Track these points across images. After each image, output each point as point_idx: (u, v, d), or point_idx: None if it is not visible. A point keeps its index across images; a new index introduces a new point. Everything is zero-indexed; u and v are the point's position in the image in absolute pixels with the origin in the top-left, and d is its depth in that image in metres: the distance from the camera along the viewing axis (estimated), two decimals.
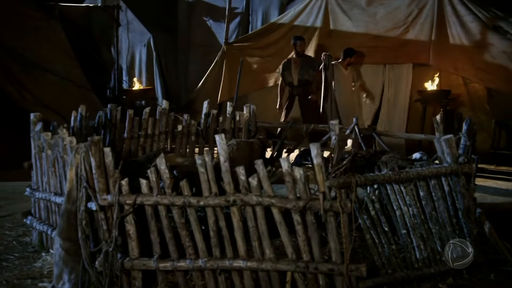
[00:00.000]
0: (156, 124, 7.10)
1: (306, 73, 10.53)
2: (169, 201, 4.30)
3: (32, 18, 10.75)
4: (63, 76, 10.72)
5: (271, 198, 4.24)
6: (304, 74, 10.54)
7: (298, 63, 10.60)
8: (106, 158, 4.32)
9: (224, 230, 4.33)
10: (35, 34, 10.68)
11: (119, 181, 4.31)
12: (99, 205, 4.33)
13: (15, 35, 10.38)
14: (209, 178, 4.30)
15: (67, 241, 4.49)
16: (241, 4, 13.62)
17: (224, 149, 4.29)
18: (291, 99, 10.66)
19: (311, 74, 10.52)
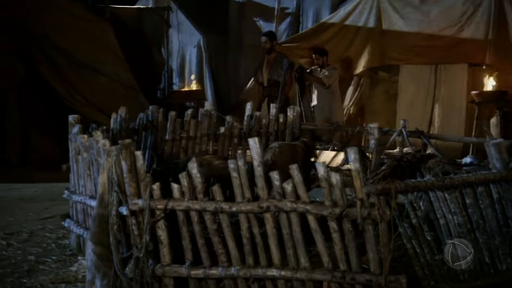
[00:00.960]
0: (199, 126, 7.00)
1: (276, 73, 9.84)
2: (200, 207, 4.18)
3: (83, 20, 10.82)
4: (112, 77, 10.77)
5: (306, 204, 4.06)
6: (273, 74, 9.86)
7: (270, 62, 9.92)
8: (137, 161, 4.22)
9: (257, 237, 4.17)
10: (87, 36, 10.75)
11: (150, 185, 4.21)
12: (130, 209, 4.24)
13: (68, 37, 10.47)
14: (242, 183, 4.16)
15: (99, 246, 4.42)
16: (292, 4, 13.47)
17: (258, 153, 4.13)
18: (261, 101, 9.96)
19: (282, 75, 9.77)
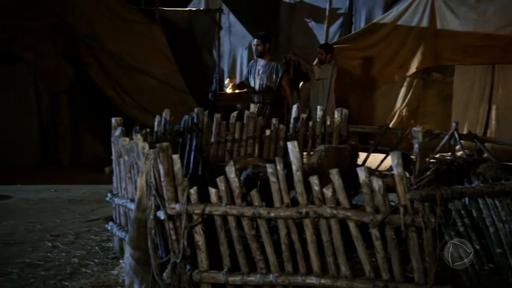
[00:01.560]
0: (244, 128, 6.92)
1: (269, 79, 9.10)
2: (238, 212, 4.09)
3: (134, 23, 10.91)
4: (162, 79, 10.81)
5: (347, 210, 3.93)
6: (265, 79, 9.11)
7: (262, 66, 9.18)
8: (175, 165, 4.16)
9: (296, 243, 4.06)
10: (137, 38, 10.82)
11: (188, 189, 4.14)
12: (167, 214, 4.18)
13: (118, 40, 10.56)
14: (281, 188, 4.05)
15: (137, 251, 4.38)
16: (344, 4, 13.29)
17: (297, 157, 4.02)
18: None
19: (274, 81, 9.09)
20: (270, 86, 9.08)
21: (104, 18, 10.44)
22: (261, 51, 9.10)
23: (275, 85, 9.08)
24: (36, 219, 6.76)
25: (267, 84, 9.07)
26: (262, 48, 9.09)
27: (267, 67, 9.09)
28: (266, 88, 9.09)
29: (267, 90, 9.09)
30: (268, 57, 9.18)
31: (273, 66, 9.11)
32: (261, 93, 9.09)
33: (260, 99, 9.08)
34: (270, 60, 9.19)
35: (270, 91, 9.09)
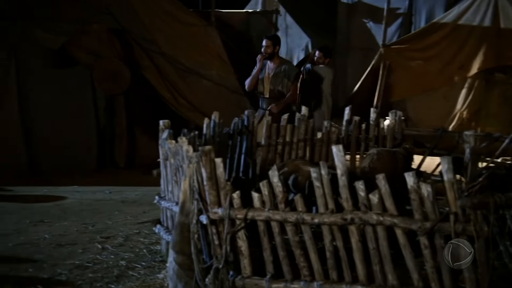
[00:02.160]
0: (295, 131, 6.81)
1: (281, 84, 8.39)
2: (281, 217, 3.99)
3: (190, 26, 10.91)
4: (217, 81, 10.77)
5: (394, 217, 3.78)
6: (278, 84, 8.39)
7: (273, 70, 8.45)
8: (217, 169, 4.09)
9: (341, 251, 3.94)
10: (193, 41, 10.81)
11: (230, 193, 4.07)
12: (210, 218, 4.12)
13: (173, 43, 10.58)
14: (325, 193, 3.93)
15: (181, 255, 4.33)
16: (404, 4, 12.98)
17: (342, 161, 3.89)
18: (261, 115, 8.23)
19: (286, 85, 8.40)
20: (282, 91, 8.39)
21: (161, 21, 10.46)
22: (270, 53, 8.41)
23: (286, 89, 8.38)
24: (89, 221, 6.82)
25: (279, 89, 8.38)
26: (272, 50, 8.40)
27: (279, 70, 8.40)
28: (277, 93, 8.40)
29: (278, 96, 8.40)
30: (278, 60, 8.54)
31: (284, 69, 8.43)
32: (272, 99, 8.37)
33: (269, 105, 8.39)
34: (280, 63, 8.53)
35: (282, 97, 8.40)
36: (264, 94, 8.46)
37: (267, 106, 8.36)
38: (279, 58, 8.62)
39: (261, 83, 8.43)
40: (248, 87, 8.56)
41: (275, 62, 8.47)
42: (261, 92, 8.47)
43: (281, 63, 8.53)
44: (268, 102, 8.33)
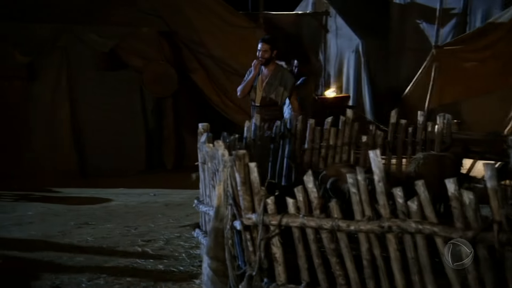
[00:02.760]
0: (339, 134, 6.67)
1: (275, 92, 7.52)
2: (316, 224, 3.87)
3: (238, 27, 10.89)
4: None
5: (434, 225, 3.61)
6: (271, 92, 7.52)
7: (267, 76, 7.56)
8: (251, 173, 4.00)
9: (378, 259, 3.79)
10: (241, 43, 10.79)
11: (264, 199, 3.97)
12: (243, 224, 4.04)
13: (222, 45, 10.59)
14: (362, 200, 3.79)
15: (215, 261, 4.26)
16: (459, 4, 12.65)
17: (379, 167, 3.74)
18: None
19: (281, 94, 7.52)
20: (275, 100, 7.53)
21: (210, 23, 10.48)
22: (268, 58, 7.47)
23: (281, 99, 7.53)
24: (132, 223, 6.84)
25: (272, 98, 7.52)
26: (270, 55, 7.47)
27: (274, 77, 7.50)
28: (269, 102, 7.53)
29: (269, 105, 7.52)
30: (273, 65, 7.58)
31: (280, 76, 7.54)
32: (263, 108, 7.43)
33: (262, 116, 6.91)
34: (276, 70, 7.59)
35: (274, 106, 7.54)
36: (255, 102, 7.59)
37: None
38: (274, 64, 7.64)
39: (253, 90, 7.54)
40: (241, 94, 7.66)
41: (269, 68, 7.56)
42: (253, 99, 7.62)
43: (277, 70, 7.61)
44: (258, 111, 7.25)
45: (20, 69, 9.30)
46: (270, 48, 7.46)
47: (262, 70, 7.55)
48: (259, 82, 7.44)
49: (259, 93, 7.47)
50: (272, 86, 7.44)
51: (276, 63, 7.61)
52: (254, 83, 7.60)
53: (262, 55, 7.44)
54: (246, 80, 7.52)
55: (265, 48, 7.46)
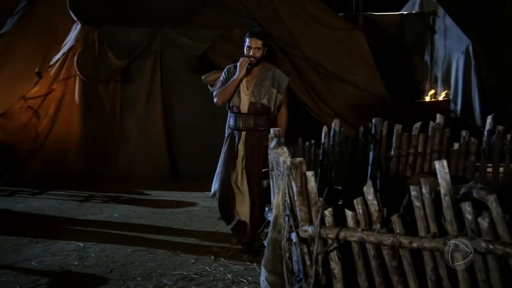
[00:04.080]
0: (428, 141, 6.23)
1: (267, 95, 5.87)
2: (376, 239, 3.55)
3: (335, 29, 10.54)
4: (361, 87, 10.31)
5: (506, 246, 3.20)
6: (262, 95, 5.86)
7: (255, 76, 5.92)
8: (308, 183, 3.74)
9: (445, 281, 3.43)
10: (337, 45, 10.45)
11: (322, 210, 3.70)
12: (299, 236, 3.78)
13: (317, 47, 10.29)
14: (427, 215, 3.44)
15: (272, 274, 4.03)
16: None
17: (446, 179, 3.38)
18: (232, 139, 5.97)
19: (275, 98, 5.90)
20: (267, 106, 5.88)
21: (305, 25, 10.19)
22: (259, 57, 5.87)
23: (274, 104, 5.91)
24: (211, 229, 6.74)
25: (263, 103, 5.86)
26: (262, 53, 5.87)
27: (264, 78, 5.91)
28: (260, 109, 5.87)
29: (261, 113, 5.88)
30: (261, 64, 5.96)
31: (272, 75, 5.96)
32: (252, 117, 5.87)
33: (248, 125, 5.88)
34: (265, 68, 5.99)
35: (266, 114, 5.91)
36: (241, 110, 5.90)
37: (244, 125, 5.88)
38: (263, 63, 6.00)
39: (236, 94, 5.91)
40: (220, 100, 5.98)
41: (257, 67, 5.94)
42: (235, 106, 5.92)
43: (267, 68, 5.99)
44: (245, 121, 5.88)
45: (116, 73, 9.47)
46: (263, 45, 5.85)
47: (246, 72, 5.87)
48: (243, 84, 5.87)
49: (246, 98, 5.86)
50: (263, 88, 5.84)
51: (263, 62, 5.98)
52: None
53: (254, 54, 5.82)
54: (228, 83, 5.87)
55: (258, 45, 5.82)
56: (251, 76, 5.93)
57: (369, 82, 10.39)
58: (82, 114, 9.49)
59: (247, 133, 5.89)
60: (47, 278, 5.18)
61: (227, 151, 5.97)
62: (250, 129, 5.86)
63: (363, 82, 10.35)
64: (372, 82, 10.41)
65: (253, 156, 5.83)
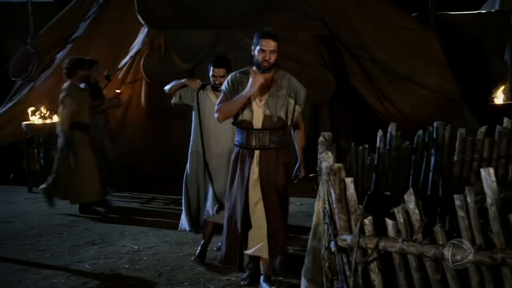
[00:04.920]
0: (495, 146, 5.89)
1: (283, 107, 4.90)
2: (417, 250, 3.34)
3: (405, 29, 10.22)
4: (433, 89, 9.94)
5: None
6: (279, 107, 4.88)
7: (267, 85, 4.89)
8: (348, 190, 3.57)
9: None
10: (407, 45, 10.12)
11: (361, 218, 3.52)
12: (338, 246, 3.62)
13: (387, 48, 10.00)
14: (472, 225, 3.20)
15: (312, 284, 3.91)
16: None
17: (493, 188, 3.13)
18: (242, 161, 4.94)
19: (292, 110, 4.93)
20: (284, 120, 4.92)
21: (374, 26, 9.92)
22: (274, 61, 4.85)
23: (292, 117, 4.94)
24: None
25: (280, 116, 4.88)
26: (276, 57, 4.85)
27: (280, 86, 4.90)
28: (276, 123, 4.88)
29: (276, 128, 4.90)
30: (275, 71, 4.93)
31: (288, 83, 4.93)
32: (266, 132, 4.87)
33: (262, 142, 4.88)
34: (279, 74, 4.94)
35: (282, 129, 4.97)
36: (254, 125, 4.88)
37: (258, 143, 4.88)
38: (275, 69, 4.94)
39: (247, 107, 4.87)
40: (225, 116, 4.95)
41: (269, 75, 4.90)
42: (247, 121, 4.89)
43: (281, 75, 4.95)
44: (259, 138, 4.87)
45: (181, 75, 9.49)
46: (278, 47, 4.86)
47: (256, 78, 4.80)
48: (257, 95, 4.84)
49: (259, 111, 4.86)
50: (280, 99, 4.86)
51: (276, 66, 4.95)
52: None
53: (269, 57, 4.79)
54: (236, 98, 4.85)
55: (273, 47, 4.80)
56: (267, 85, 4.87)
57: (440, 83, 10.01)
58: (148, 117, 9.58)
59: (262, 152, 4.87)
60: (96, 280, 5.22)
61: (238, 174, 4.92)
62: (265, 147, 4.86)
63: (434, 84, 9.98)
64: (444, 83, 10.03)
65: (270, 178, 4.85)
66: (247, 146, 4.91)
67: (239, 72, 5.03)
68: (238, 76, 4.98)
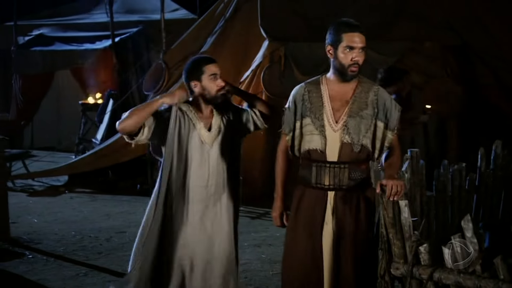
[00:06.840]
0: None
1: (369, 131, 3.58)
2: (474, 285, 2.95)
3: None
4: None
5: None
6: (363, 131, 3.57)
7: (345, 102, 3.63)
8: (402, 214, 3.24)
9: None
10: None
11: (416, 246, 3.17)
12: (391, 275, 3.28)
13: None
14: None
15: None
16: None
17: None
18: (309, 204, 3.62)
19: (381, 137, 3.59)
20: (370, 149, 3.61)
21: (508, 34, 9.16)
22: (361, 64, 3.71)
23: (381, 146, 3.62)
24: None
25: (364, 144, 3.58)
26: (364, 58, 3.74)
27: (364, 103, 3.62)
28: (359, 153, 3.58)
29: (358, 161, 3.60)
30: (358, 80, 3.74)
31: (374, 100, 3.63)
32: (346, 167, 3.55)
33: (340, 181, 3.55)
34: (360, 86, 3.70)
35: (366, 161, 3.66)
36: (327, 156, 3.59)
37: (333, 182, 3.56)
38: (359, 77, 3.76)
39: (316, 130, 3.62)
40: (284, 148, 3.88)
41: (349, 87, 3.68)
42: (318, 150, 3.60)
43: (364, 85, 3.73)
44: (335, 174, 3.54)
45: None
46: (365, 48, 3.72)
47: (329, 90, 3.70)
48: (327, 112, 3.61)
49: (334, 136, 3.59)
50: (364, 120, 3.58)
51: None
52: (311, 116, 3.69)
53: (357, 58, 3.67)
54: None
55: (363, 43, 3.75)
56: (339, 102, 3.62)
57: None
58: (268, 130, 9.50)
59: (337, 194, 3.55)
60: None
61: (304, 223, 3.60)
62: (343, 187, 3.55)
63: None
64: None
65: (349, 228, 3.49)
66: (317, 185, 3.57)
67: (306, 83, 3.78)
68: (305, 90, 3.69)
